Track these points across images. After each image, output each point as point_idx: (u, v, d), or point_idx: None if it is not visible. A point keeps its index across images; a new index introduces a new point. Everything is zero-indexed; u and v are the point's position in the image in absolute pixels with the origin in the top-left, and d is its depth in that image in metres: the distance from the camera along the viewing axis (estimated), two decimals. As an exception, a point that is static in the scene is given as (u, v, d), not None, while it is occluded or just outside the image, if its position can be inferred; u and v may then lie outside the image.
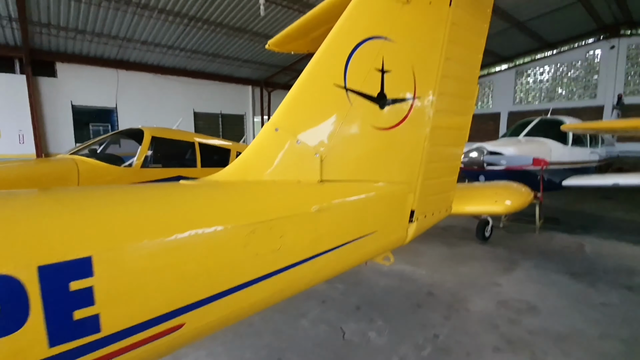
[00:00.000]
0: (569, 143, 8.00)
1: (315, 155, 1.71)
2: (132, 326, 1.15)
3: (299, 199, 1.63)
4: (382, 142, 1.99)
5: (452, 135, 2.48)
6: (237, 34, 13.30)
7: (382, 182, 2.01)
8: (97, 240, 1.08)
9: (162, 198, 1.35)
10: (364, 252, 1.93)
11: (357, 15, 1.84)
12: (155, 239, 1.20)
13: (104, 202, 1.23)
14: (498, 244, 7.33)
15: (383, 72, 1.93)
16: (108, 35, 12.15)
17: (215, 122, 19.00)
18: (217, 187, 1.53)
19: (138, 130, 5.86)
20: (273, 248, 1.48)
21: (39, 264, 0.97)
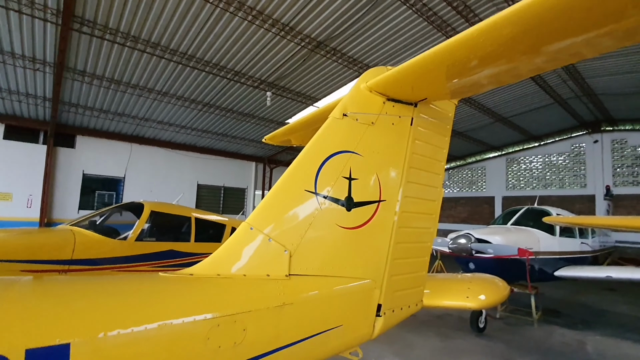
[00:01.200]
0: (557, 233, 8.16)
1: (285, 252, 1.92)
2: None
3: (266, 293, 1.79)
4: (349, 241, 2.21)
5: (418, 233, 2.71)
6: (245, 119, 14.57)
7: (348, 277, 2.18)
8: (76, 328, 1.24)
9: (138, 290, 1.53)
10: (329, 346, 2.01)
11: (329, 134, 2.22)
12: (126, 330, 1.35)
13: (86, 292, 1.41)
14: (494, 337, 6.99)
15: (350, 180, 2.25)
16: (128, 115, 13.41)
17: (217, 194, 19.60)
18: (189, 281, 1.71)
19: (139, 204, 6.16)
20: (235, 341, 1.60)
21: (26, 347, 1.13)
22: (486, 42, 1.70)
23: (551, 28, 1.54)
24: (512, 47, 1.71)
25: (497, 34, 1.63)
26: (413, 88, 2.38)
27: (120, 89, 11.15)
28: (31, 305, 1.26)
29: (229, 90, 11.93)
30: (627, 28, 1.47)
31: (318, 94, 12.45)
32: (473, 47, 1.75)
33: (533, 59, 1.83)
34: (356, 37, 9.23)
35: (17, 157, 12.84)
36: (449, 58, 1.85)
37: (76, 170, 14.26)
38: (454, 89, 2.32)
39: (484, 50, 1.76)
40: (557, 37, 1.60)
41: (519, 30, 1.58)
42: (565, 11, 1.43)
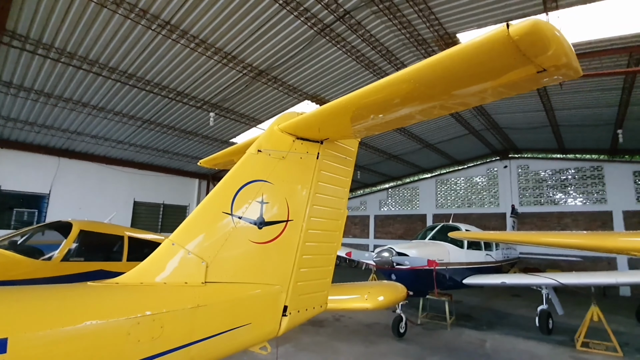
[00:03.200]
0: (465, 246, 9.46)
1: (202, 263, 2.37)
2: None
3: (182, 297, 2.21)
4: (259, 253, 2.71)
5: (322, 247, 3.29)
6: (187, 136, 14.51)
7: (258, 283, 2.67)
8: (13, 326, 1.57)
9: (67, 296, 1.87)
10: (238, 341, 2.46)
11: (245, 166, 2.74)
12: (58, 327, 1.69)
13: (20, 296, 1.74)
14: (412, 340, 7.85)
15: (262, 203, 2.78)
16: (57, 128, 12.61)
17: (156, 211, 18.84)
18: (114, 288, 2.07)
19: (67, 223, 6.02)
20: (153, 336, 2.00)
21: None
22: (386, 95, 2.08)
23: (440, 84, 1.89)
24: (407, 99, 2.08)
25: (396, 88, 2.02)
26: (319, 130, 2.98)
27: (50, 102, 10.58)
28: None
29: (170, 109, 11.93)
30: (500, 84, 1.82)
31: (261, 117, 12.96)
32: (374, 99, 2.14)
33: (427, 107, 2.21)
34: (295, 68, 10.01)
35: None
36: (352, 107, 2.31)
37: (-11, 186, 12.93)
38: (355, 131, 2.93)
39: (384, 101, 2.15)
40: (446, 91, 2.00)
41: (413, 87, 1.93)
42: (450, 72, 1.77)
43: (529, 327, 9.02)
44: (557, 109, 13.59)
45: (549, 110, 13.67)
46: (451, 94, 2.04)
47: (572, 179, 19.03)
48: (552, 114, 14.06)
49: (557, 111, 13.82)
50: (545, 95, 12.46)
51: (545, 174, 19.90)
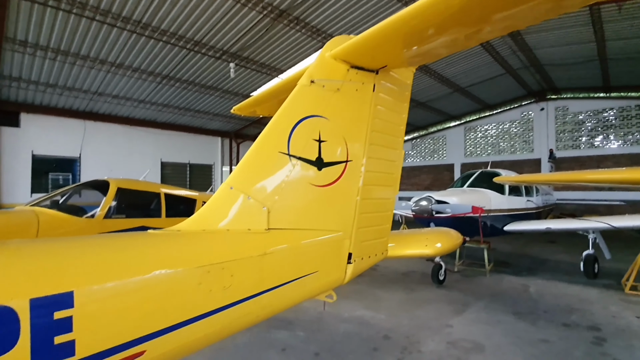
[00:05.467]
0: (506, 193, 9.01)
1: (263, 209, 2.12)
2: (101, 351, 1.41)
3: (248, 245, 2.00)
4: (321, 197, 2.44)
5: (382, 190, 3.00)
6: (208, 91, 14.08)
7: (322, 230, 2.43)
8: (79, 278, 1.39)
9: (132, 245, 1.68)
10: (306, 289, 2.28)
11: (298, 100, 2.38)
12: (124, 279, 1.51)
13: (85, 248, 1.54)
14: (452, 287, 7.79)
15: (320, 142, 2.45)
16: (79, 89, 12.47)
17: (183, 171, 19.08)
18: (178, 236, 1.87)
19: (104, 181, 6.00)
20: (224, 285, 1.81)
21: (31, 297, 1.26)
22: (438, 11, 1.87)
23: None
24: (462, 15, 1.86)
25: (448, 3, 1.79)
26: (373, 56, 2.57)
27: (69, 61, 10.30)
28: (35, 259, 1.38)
29: (189, 62, 11.42)
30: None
31: (283, 65, 12.27)
32: (427, 16, 1.90)
33: (481, 26, 2.00)
34: (319, 5, 9.11)
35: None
36: (405, 26, 2.02)
37: (24, 151, 13.24)
38: (411, 56, 2.53)
39: (437, 19, 1.92)
40: (502, 7, 1.79)
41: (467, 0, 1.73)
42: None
43: (572, 272, 8.77)
44: (609, 39, 12.11)
45: (600, 41, 12.22)
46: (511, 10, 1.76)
47: (614, 120, 17.59)
48: (603, 45, 12.58)
49: (608, 42, 12.34)
50: (599, 23, 11.03)
51: (585, 115, 18.46)
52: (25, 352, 1.23)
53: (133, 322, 1.49)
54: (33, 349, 1.24)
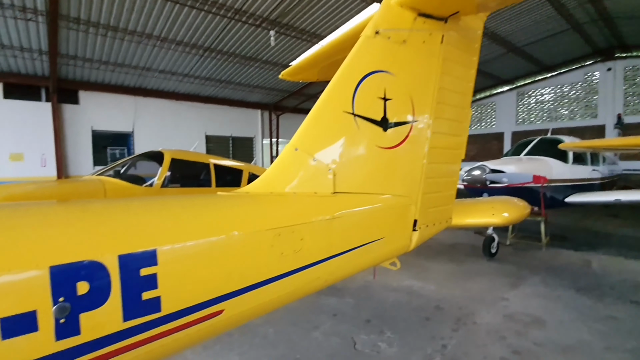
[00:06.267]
0: (570, 161, 8.21)
1: (329, 171, 2.01)
2: (184, 309, 1.42)
3: (316, 208, 1.92)
4: (386, 160, 2.29)
5: (448, 154, 2.77)
6: (248, 63, 14.03)
7: (387, 194, 2.29)
8: (161, 237, 1.38)
9: (205, 205, 1.66)
10: (372, 256, 2.19)
11: (362, 54, 2.19)
12: (203, 238, 1.49)
13: (165, 207, 1.54)
14: (505, 260, 7.43)
15: (385, 100, 2.26)
16: (129, 65, 12.98)
17: (226, 144, 19.62)
18: (248, 198, 1.83)
19: (158, 152, 6.26)
20: (295, 249, 1.76)
21: (119, 253, 1.27)
22: None
23: None
24: None
25: None
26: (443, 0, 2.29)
27: (118, 36, 10.67)
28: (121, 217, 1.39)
29: (230, 32, 11.35)
30: None
31: (323, 31, 11.79)
32: None
33: None
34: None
35: (22, 116, 12.75)
36: None
37: (85, 127, 14.24)
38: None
39: None
40: None
41: None
42: None
43: (638, 247, 7.99)
44: None
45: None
46: None
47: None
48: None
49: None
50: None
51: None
52: (117, 306, 1.25)
53: (212, 281, 1.49)
54: (124, 303, 1.26)
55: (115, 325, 1.23)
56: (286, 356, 3.82)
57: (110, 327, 1.22)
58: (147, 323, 1.30)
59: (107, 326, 1.22)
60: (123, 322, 1.25)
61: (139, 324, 1.28)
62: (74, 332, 1.15)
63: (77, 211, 1.34)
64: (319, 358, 3.79)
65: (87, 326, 1.17)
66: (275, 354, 3.85)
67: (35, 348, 1.09)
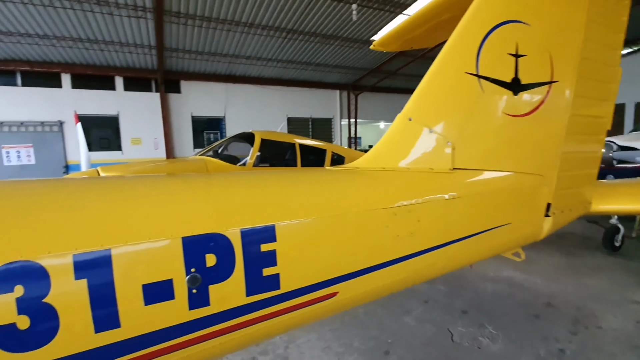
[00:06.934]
0: None
1: (447, 144, 1.75)
2: (300, 288, 1.36)
3: (433, 187, 1.69)
4: (516, 130, 1.91)
5: (592, 123, 2.24)
6: (328, 41, 13.87)
7: (515, 172, 1.93)
8: (278, 213, 1.32)
9: (321, 181, 1.56)
10: (496, 243, 1.88)
11: (489, 1, 1.82)
12: (318, 215, 1.39)
13: (280, 182, 1.49)
14: (632, 255, 6.15)
15: (517, 57, 1.87)
16: (220, 54, 13.94)
17: (305, 126, 20.05)
18: (359, 174, 1.68)
19: (250, 134, 6.59)
20: (411, 231, 1.57)
21: (241, 227, 1.23)
22: None
23: None
24: None
25: None
26: None
27: (211, 26, 11.46)
28: (239, 191, 1.36)
29: (311, 10, 11.29)
30: None
31: (407, -1, 10.93)
32: None
33: None
34: None
35: (138, 106, 14.80)
36: None
37: (185, 114, 15.93)
38: None
39: None
40: None
41: None
42: None
43: None
44: None
45: None
46: None
47: None
48: None
49: None
50: None
51: None
52: (241, 280, 1.22)
53: (327, 262, 1.40)
54: (247, 278, 1.23)
55: (240, 299, 1.22)
56: (377, 338, 3.73)
57: (235, 301, 1.21)
58: (267, 299, 1.27)
59: (232, 299, 1.21)
60: (246, 296, 1.23)
61: (261, 299, 1.26)
62: (204, 303, 1.16)
63: (202, 184, 1.36)
64: (412, 344, 3.62)
65: (216, 298, 1.17)
66: (367, 335, 3.79)
67: (172, 315, 1.11)
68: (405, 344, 3.61)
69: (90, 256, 1.00)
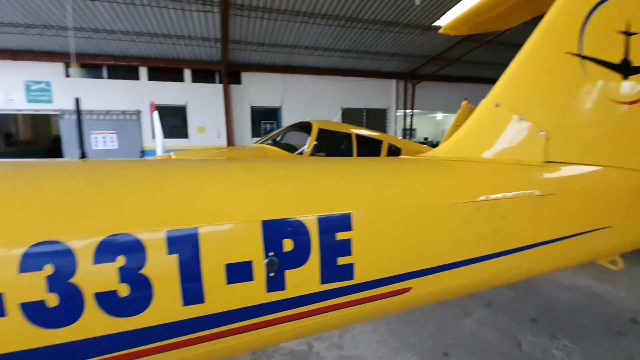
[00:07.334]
0: None
1: (541, 134, 1.56)
2: (374, 280, 1.31)
3: (522, 181, 1.52)
4: (624, 119, 1.65)
5: None
6: (388, 29, 13.40)
7: (620, 167, 1.67)
8: (355, 201, 1.28)
9: (398, 170, 1.49)
10: (593, 248, 1.66)
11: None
12: (394, 206, 1.33)
13: (355, 170, 1.45)
14: None
15: (628, 35, 1.59)
16: (279, 45, 14.22)
17: (359, 116, 19.77)
18: (439, 164, 1.58)
19: (307, 123, 6.65)
20: (495, 229, 1.44)
21: (318, 214, 1.21)
22: None
23: None
24: None
25: None
26: None
27: (272, 17, 11.70)
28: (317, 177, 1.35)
29: (372, -4, 11.00)
30: None
31: (478, -21, 10.05)
32: None
33: None
34: None
35: (204, 96, 15.76)
36: None
37: (245, 104, 16.62)
38: None
39: None
40: None
41: None
42: None
43: None
44: None
45: None
46: None
47: None
48: None
49: None
50: None
51: None
52: (316, 267, 1.21)
53: (402, 255, 1.33)
54: (322, 266, 1.21)
55: (314, 286, 1.21)
56: (435, 337, 3.58)
57: (309, 287, 1.21)
58: (341, 289, 1.25)
59: (307, 286, 1.20)
60: (320, 284, 1.22)
61: (334, 288, 1.24)
62: (280, 287, 1.16)
63: (280, 169, 1.37)
64: (473, 348, 3.41)
65: (291, 283, 1.17)
66: (424, 333, 3.66)
67: (251, 296, 1.14)
68: (465, 347, 3.42)
69: (181, 233, 1.05)
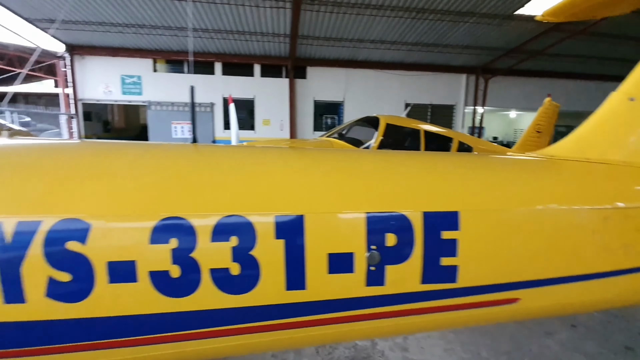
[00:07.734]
0: None
1: (691, 134, 1.30)
2: (478, 286, 1.21)
3: (662, 188, 1.29)
4: None
5: None
6: (462, 19, 12.56)
7: None
8: (464, 199, 1.19)
9: (511, 169, 1.37)
10: None
11: None
12: (507, 208, 1.21)
13: (465, 165, 1.35)
14: None
15: None
16: (345, 39, 14.18)
17: (424, 112, 18.94)
18: (557, 164, 1.41)
19: (375, 117, 6.52)
20: (625, 242, 1.24)
21: (423, 210, 1.14)
22: None
23: None
24: None
25: None
26: None
27: (341, 11, 11.67)
28: (423, 172, 1.29)
29: (447, -14, 10.38)
30: None
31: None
32: None
33: None
34: None
35: (270, 90, 16.42)
36: None
37: (308, 98, 16.94)
38: None
39: None
40: None
41: None
42: None
43: None
44: None
45: None
46: None
47: None
48: None
49: None
50: None
51: None
52: (417, 265, 1.16)
53: (513, 262, 1.21)
54: (424, 264, 1.15)
55: (414, 285, 1.16)
56: (510, 355, 3.30)
57: (409, 286, 1.16)
58: (442, 291, 1.18)
59: (407, 284, 1.15)
60: (421, 283, 1.16)
61: (435, 289, 1.17)
62: (379, 282, 1.13)
63: (381, 161, 1.33)
64: (557, 373, 3.07)
65: (391, 279, 1.13)
66: (497, 348, 3.39)
67: (350, 288, 1.12)
68: (547, 369, 3.09)
69: (288, 219, 1.06)
